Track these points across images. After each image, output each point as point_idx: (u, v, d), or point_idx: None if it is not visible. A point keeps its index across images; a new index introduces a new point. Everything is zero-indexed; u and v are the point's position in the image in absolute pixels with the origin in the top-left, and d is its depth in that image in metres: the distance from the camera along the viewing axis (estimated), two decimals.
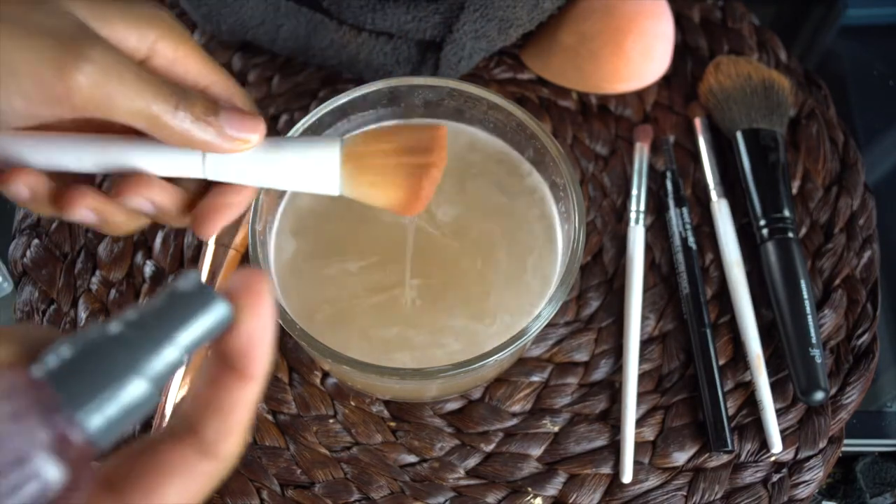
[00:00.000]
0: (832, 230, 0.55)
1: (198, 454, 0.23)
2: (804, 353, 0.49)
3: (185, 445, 0.23)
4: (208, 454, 0.23)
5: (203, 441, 0.23)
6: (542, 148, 0.47)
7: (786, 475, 0.48)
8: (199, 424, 0.23)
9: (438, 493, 0.48)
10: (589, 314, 0.53)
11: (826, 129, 0.58)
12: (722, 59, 0.58)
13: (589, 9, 0.58)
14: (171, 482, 0.22)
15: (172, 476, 0.22)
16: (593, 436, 0.49)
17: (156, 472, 0.22)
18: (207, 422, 0.23)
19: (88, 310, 0.51)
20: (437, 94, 0.49)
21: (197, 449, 0.23)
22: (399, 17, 0.55)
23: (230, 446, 0.23)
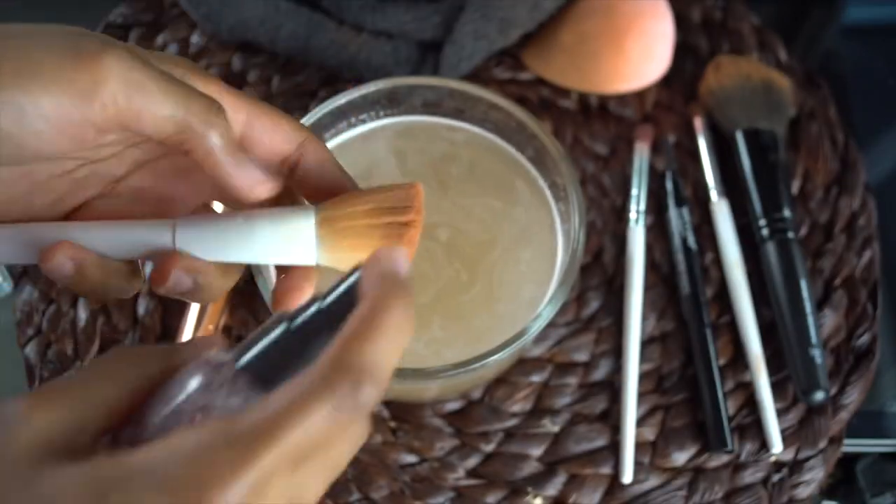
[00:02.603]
0: (832, 230, 0.55)
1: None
2: (804, 353, 0.49)
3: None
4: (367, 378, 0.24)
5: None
6: (542, 148, 0.47)
7: (786, 475, 0.48)
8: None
9: (438, 493, 0.48)
10: (589, 314, 0.53)
11: (826, 129, 0.58)
12: (722, 59, 0.58)
13: (589, 9, 0.58)
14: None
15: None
16: (593, 436, 0.49)
17: None
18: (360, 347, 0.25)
19: (88, 310, 0.51)
20: (437, 94, 0.49)
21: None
22: (399, 18, 0.55)
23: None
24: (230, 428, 0.23)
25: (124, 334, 0.51)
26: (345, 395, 0.24)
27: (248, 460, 0.23)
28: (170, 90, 0.29)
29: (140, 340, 0.51)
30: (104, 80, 0.28)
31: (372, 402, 0.25)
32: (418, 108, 0.50)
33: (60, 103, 0.27)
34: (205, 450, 0.23)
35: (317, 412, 0.24)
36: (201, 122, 0.30)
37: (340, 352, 0.25)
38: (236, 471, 0.23)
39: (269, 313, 0.50)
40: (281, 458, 0.23)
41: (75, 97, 0.27)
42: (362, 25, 0.56)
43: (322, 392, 0.24)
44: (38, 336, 0.51)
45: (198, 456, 0.23)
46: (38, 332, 0.51)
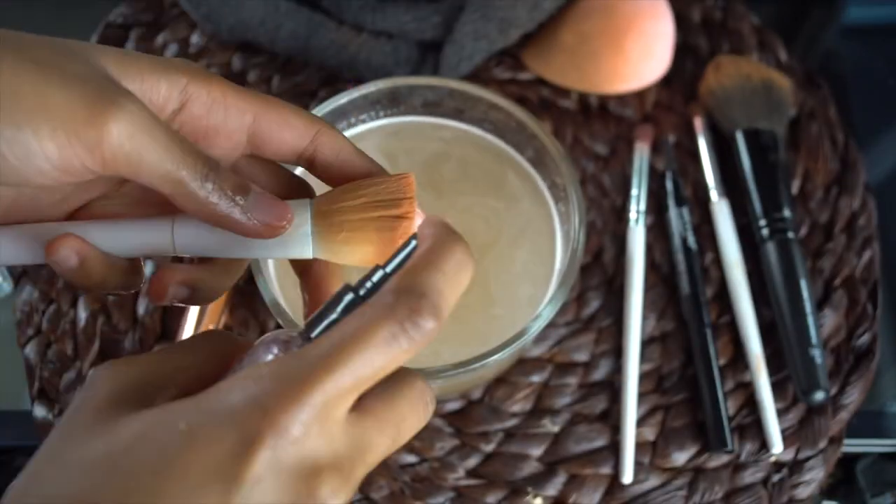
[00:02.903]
0: (832, 230, 0.55)
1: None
2: (804, 353, 0.49)
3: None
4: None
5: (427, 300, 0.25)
6: (542, 148, 0.47)
7: (786, 475, 0.48)
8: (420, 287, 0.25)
9: (438, 493, 0.48)
10: (589, 314, 0.53)
11: (826, 129, 0.58)
12: (722, 59, 0.58)
13: (589, 9, 0.58)
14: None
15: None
16: (593, 436, 0.49)
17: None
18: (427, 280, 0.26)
19: (88, 310, 0.51)
20: (437, 94, 0.49)
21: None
22: (399, 18, 0.55)
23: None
24: (294, 359, 0.24)
25: (124, 334, 0.51)
26: (404, 317, 0.25)
27: (312, 384, 0.24)
28: (168, 150, 0.29)
29: (140, 340, 0.51)
30: (109, 141, 0.28)
31: (431, 330, 0.25)
32: (418, 108, 0.50)
33: (64, 153, 0.28)
34: (269, 380, 0.24)
35: (376, 335, 0.24)
36: (194, 181, 0.30)
37: (400, 280, 0.26)
38: (300, 394, 0.24)
39: (268, 313, 0.50)
40: (344, 383, 0.24)
41: (80, 150, 0.28)
42: (362, 25, 0.56)
43: (381, 318, 0.25)
44: (38, 336, 0.51)
45: (262, 386, 0.24)
46: (38, 332, 0.51)
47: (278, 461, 0.24)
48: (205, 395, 0.24)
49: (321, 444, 0.24)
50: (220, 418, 0.24)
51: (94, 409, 0.25)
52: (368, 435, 0.26)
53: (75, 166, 0.29)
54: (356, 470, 0.25)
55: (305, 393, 0.24)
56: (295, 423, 0.24)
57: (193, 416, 0.24)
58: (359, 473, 0.26)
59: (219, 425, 0.23)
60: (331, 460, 0.25)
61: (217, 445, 0.23)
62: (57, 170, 0.29)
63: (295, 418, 0.24)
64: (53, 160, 0.28)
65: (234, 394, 0.24)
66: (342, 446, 0.25)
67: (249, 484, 0.23)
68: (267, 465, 0.23)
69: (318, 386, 0.24)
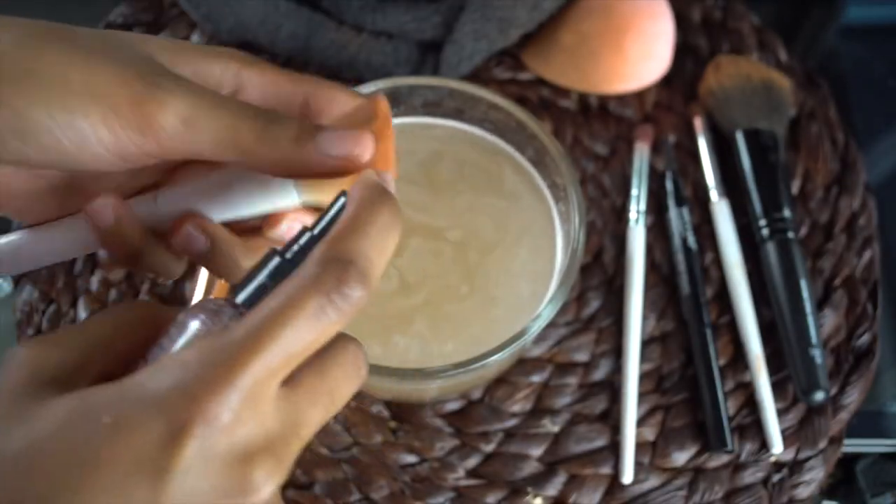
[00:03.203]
0: (832, 230, 0.55)
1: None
2: (804, 353, 0.49)
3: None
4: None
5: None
6: (542, 148, 0.47)
7: (786, 475, 0.48)
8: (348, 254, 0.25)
9: (438, 494, 0.48)
10: (589, 314, 0.53)
11: (826, 129, 0.58)
12: (722, 59, 0.58)
13: (589, 9, 0.58)
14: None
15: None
16: (593, 436, 0.49)
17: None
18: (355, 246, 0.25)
19: (88, 310, 0.51)
20: (437, 94, 0.49)
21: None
22: (399, 18, 0.55)
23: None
24: (219, 341, 0.23)
25: None
26: (331, 288, 0.24)
27: (239, 366, 0.23)
28: (224, 118, 0.29)
29: None
30: (160, 117, 0.28)
31: (358, 297, 0.24)
32: (418, 108, 0.50)
33: (118, 137, 0.28)
34: (195, 364, 0.23)
35: (303, 309, 0.24)
36: (266, 141, 0.29)
37: (325, 249, 0.25)
38: (227, 377, 0.23)
39: None
40: (273, 362, 0.23)
41: (132, 133, 0.28)
42: (362, 26, 0.56)
43: (307, 289, 0.24)
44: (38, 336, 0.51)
45: (188, 369, 0.23)
46: (38, 332, 0.51)
47: (208, 449, 0.23)
48: (129, 380, 0.23)
49: (252, 427, 0.24)
50: (146, 407, 0.23)
51: (11, 394, 0.24)
52: (301, 408, 0.25)
53: (131, 151, 0.29)
54: (290, 447, 0.25)
55: (233, 377, 0.23)
56: (224, 409, 0.23)
57: (118, 404, 0.23)
58: (293, 450, 0.25)
59: (144, 415, 0.22)
60: (263, 443, 0.24)
61: (143, 436, 0.22)
62: (113, 154, 0.29)
63: (223, 404, 0.23)
64: (107, 144, 0.28)
65: (160, 380, 0.23)
66: (274, 425, 0.24)
67: (179, 475, 0.22)
68: (196, 455, 0.23)
69: (246, 368, 0.23)
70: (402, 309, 0.46)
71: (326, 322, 0.24)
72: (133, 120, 0.28)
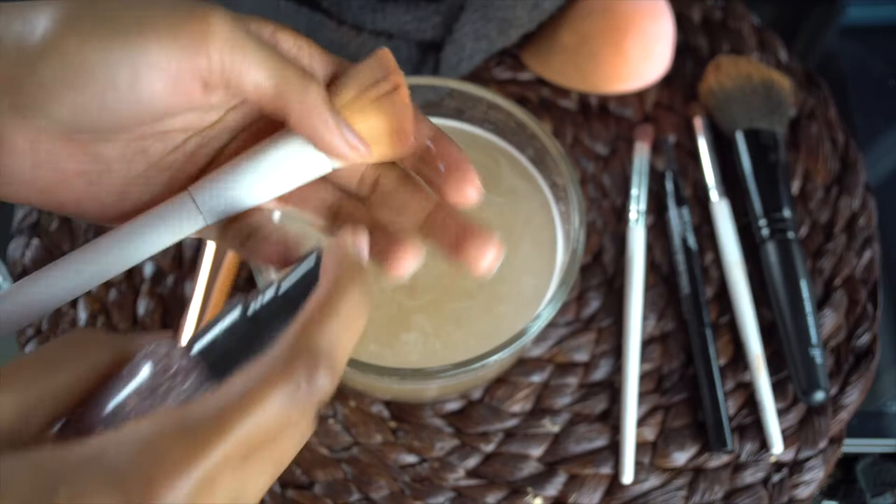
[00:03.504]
0: (832, 230, 0.55)
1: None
2: (804, 353, 0.49)
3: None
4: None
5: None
6: (542, 148, 0.47)
7: (786, 475, 0.48)
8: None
9: (438, 494, 0.48)
10: (589, 314, 0.53)
11: (826, 129, 0.58)
12: (722, 59, 0.58)
13: (589, 9, 0.58)
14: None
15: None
16: (593, 436, 0.49)
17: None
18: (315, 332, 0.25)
19: (88, 310, 0.51)
20: (437, 94, 0.49)
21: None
22: (399, 18, 0.55)
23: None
24: (181, 418, 0.23)
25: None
26: (300, 381, 0.24)
27: (199, 453, 0.22)
28: (269, 54, 0.30)
29: None
30: (211, 34, 0.29)
31: (327, 389, 0.24)
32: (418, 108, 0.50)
33: (171, 55, 0.29)
34: (155, 441, 0.22)
35: (271, 400, 0.23)
36: (299, 82, 0.30)
37: (295, 338, 0.24)
38: (186, 464, 0.22)
39: None
40: (233, 451, 0.23)
41: (185, 48, 0.29)
42: (362, 25, 0.56)
43: (277, 379, 0.24)
44: (38, 336, 0.51)
45: (147, 448, 0.22)
46: (38, 332, 0.51)
47: None
48: (85, 448, 0.22)
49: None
50: (103, 486, 0.22)
51: None
52: (249, 483, 0.24)
53: (184, 70, 0.29)
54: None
55: (191, 463, 0.22)
56: (179, 496, 0.22)
57: (73, 477, 0.22)
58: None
59: (101, 494, 0.22)
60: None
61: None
62: (166, 81, 0.29)
63: (179, 492, 0.22)
64: (161, 67, 0.28)
65: (118, 455, 0.22)
66: (224, 502, 0.24)
67: None
68: None
69: (206, 455, 0.22)
70: (409, 309, 0.46)
71: (292, 411, 0.24)
72: (185, 37, 0.28)
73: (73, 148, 0.30)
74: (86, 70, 0.28)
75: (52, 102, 0.28)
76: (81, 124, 0.29)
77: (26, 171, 0.30)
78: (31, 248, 0.53)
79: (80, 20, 0.28)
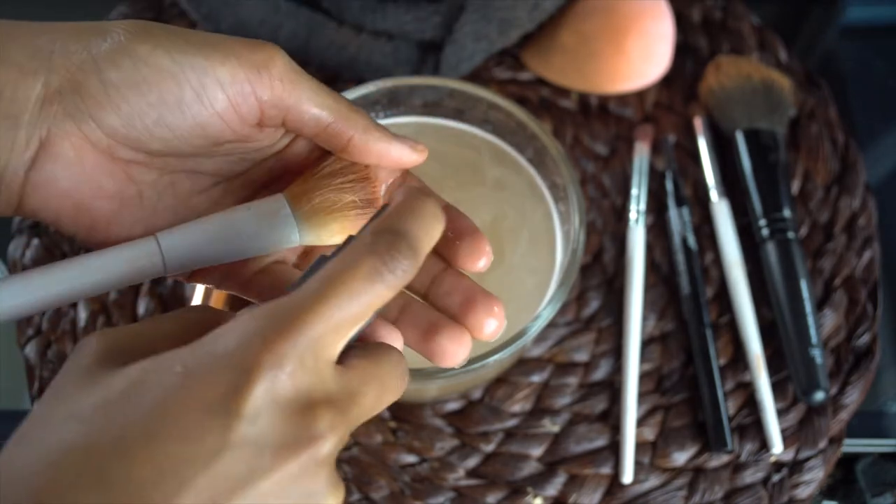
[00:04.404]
0: (832, 230, 0.55)
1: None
2: (804, 353, 0.49)
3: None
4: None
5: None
6: (542, 148, 0.47)
7: (786, 475, 0.48)
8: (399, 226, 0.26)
9: (438, 493, 0.48)
10: (589, 314, 0.53)
11: (826, 129, 0.58)
12: (722, 59, 0.58)
13: (589, 9, 0.58)
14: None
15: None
16: (593, 436, 0.49)
17: None
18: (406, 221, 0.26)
19: (88, 310, 0.51)
20: (437, 94, 0.49)
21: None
22: (399, 18, 0.55)
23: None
24: (282, 301, 0.25)
25: None
26: (383, 252, 0.25)
27: (302, 320, 0.24)
28: (321, 85, 0.32)
29: None
30: (273, 65, 0.30)
31: (409, 265, 0.26)
32: (418, 108, 0.50)
33: (236, 72, 0.30)
34: (262, 319, 0.24)
35: (359, 270, 0.25)
36: (351, 109, 0.32)
37: (377, 222, 0.26)
38: (292, 330, 0.24)
39: None
40: (332, 318, 0.25)
41: (249, 69, 0.30)
42: (362, 26, 0.56)
43: (362, 254, 0.25)
44: (38, 336, 0.51)
45: (255, 325, 0.24)
46: (38, 332, 0.51)
47: (275, 394, 0.24)
48: (199, 341, 0.25)
49: (314, 380, 0.25)
50: (216, 357, 0.24)
51: (84, 369, 0.25)
52: (354, 384, 0.26)
53: (246, 92, 0.30)
54: (350, 410, 0.26)
55: (298, 329, 0.24)
56: (290, 357, 0.24)
57: (189, 358, 0.24)
58: (353, 416, 0.26)
59: (215, 363, 0.24)
60: (324, 397, 0.25)
61: (214, 382, 0.23)
62: (228, 101, 0.30)
63: (289, 353, 0.24)
64: (225, 84, 0.30)
65: (229, 335, 0.24)
66: (333, 387, 0.25)
67: (248, 418, 0.23)
68: (264, 399, 0.24)
69: (309, 322, 0.24)
70: None
71: (380, 284, 0.25)
72: (251, 58, 0.30)
73: (113, 166, 0.31)
74: (155, 73, 0.29)
75: (108, 108, 0.29)
76: (129, 136, 0.30)
77: (67, 181, 0.30)
78: (31, 248, 0.53)
79: (152, 32, 0.30)
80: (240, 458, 0.23)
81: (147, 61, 0.29)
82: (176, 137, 0.30)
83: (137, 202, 0.32)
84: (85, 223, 0.31)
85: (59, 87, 0.29)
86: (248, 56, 0.30)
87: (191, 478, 0.22)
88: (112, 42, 0.29)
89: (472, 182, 0.49)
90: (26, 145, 0.29)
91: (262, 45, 0.30)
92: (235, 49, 0.30)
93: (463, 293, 0.32)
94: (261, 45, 0.30)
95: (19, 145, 0.29)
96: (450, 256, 0.33)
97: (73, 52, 0.29)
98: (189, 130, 0.30)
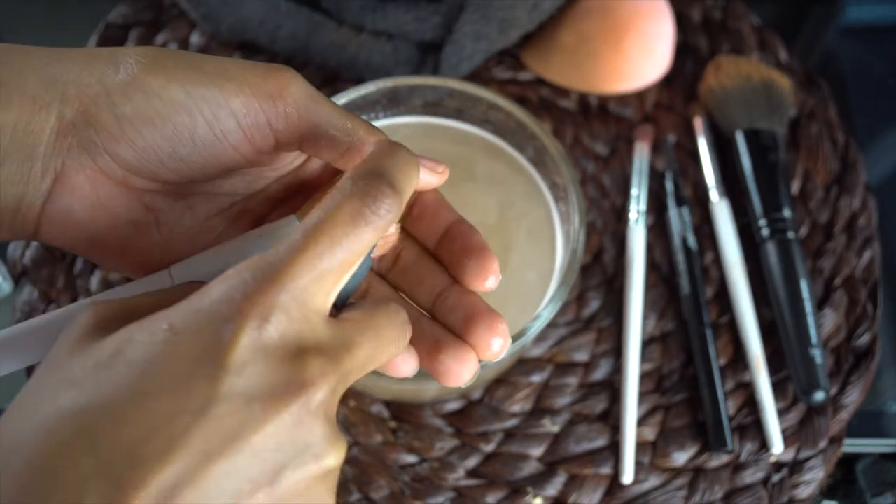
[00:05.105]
0: (832, 230, 0.55)
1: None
2: (804, 353, 0.49)
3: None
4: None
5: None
6: (542, 148, 0.47)
7: (786, 475, 0.48)
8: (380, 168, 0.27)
9: (438, 493, 0.48)
10: (589, 314, 0.53)
11: (826, 129, 0.58)
12: (722, 59, 0.58)
13: (589, 9, 0.58)
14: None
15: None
16: (593, 436, 0.49)
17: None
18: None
19: None
20: (437, 94, 0.49)
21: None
22: (399, 18, 0.55)
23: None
24: (267, 254, 0.25)
25: None
26: (363, 193, 0.25)
27: (286, 269, 0.24)
28: (338, 107, 0.31)
29: None
30: (288, 87, 0.30)
31: (391, 202, 0.26)
32: (418, 108, 0.50)
33: (250, 103, 0.29)
34: (246, 272, 0.25)
35: (341, 214, 0.25)
36: (370, 130, 0.31)
37: (356, 167, 0.27)
38: (277, 279, 0.24)
39: None
40: (317, 265, 0.25)
41: (263, 99, 0.29)
42: (362, 26, 0.56)
43: (342, 198, 0.26)
44: None
45: (240, 277, 0.24)
46: None
47: (261, 343, 0.24)
48: (185, 300, 0.25)
49: (303, 328, 0.25)
50: (201, 312, 0.24)
51: (76, 338, 0.25)
52: (350, 333, 0.26)
53: (261, 122, 0.30)
54: (343, 360, 0.25)
55: (282, 277, 0.24)
56: (276, 305, 0.24)
57: (175, 315, 0.24)
58: (347, 366, 0.25)
59: (200, 318, 0.24)
60: (314, 344, 0.25)
61: (199, 336, 0.23)
62: (243, 130, 0.30)
63: (275, 301, 0.24)
64: (239, 115, 0.29)
65: (213, 291, 0.24)
66: (324, 335, 0.25)
67: (235, 369, 0.23)
68: (250, 349, 0.23)
69: (294, 269, 0.24)
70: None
71: (363, 225, 0.25)
72: (265, 88, 0.29)
73: (129, 195, 0.31)
74: (168, 107, 0.29)
75: (122, 142, 0.29)
76: (144, 168, 0.30)
77: (83, 212, 0.30)
78: (31, 248, 0.53)
79: (164, 63, 0.29)
80: (229, 411, 0.23)
81: (160, 95, 0.29)
82: (190, 168, 0.30)
83: (154, 227, 0.32)
84: (101, 250, 0.31)
85: (72, 120, 0.29)
86: (262, 85, 0.29)
87: (181, 433, 0.22)
88: (125, 73, 0.29)
89: (471, 182, 0.49)
90: (42, 177, 0.29)
91: (277, 73, 0.30)
92: (249, 78, 0.29)
93: (466, 309, 0.31)
94: (275, 73, 0.30)
95: (35, 178, 0.29)
96: (457, 273, 0.33)
97: (86, 84, 0.29)
98: (203, 161, 0.30)
